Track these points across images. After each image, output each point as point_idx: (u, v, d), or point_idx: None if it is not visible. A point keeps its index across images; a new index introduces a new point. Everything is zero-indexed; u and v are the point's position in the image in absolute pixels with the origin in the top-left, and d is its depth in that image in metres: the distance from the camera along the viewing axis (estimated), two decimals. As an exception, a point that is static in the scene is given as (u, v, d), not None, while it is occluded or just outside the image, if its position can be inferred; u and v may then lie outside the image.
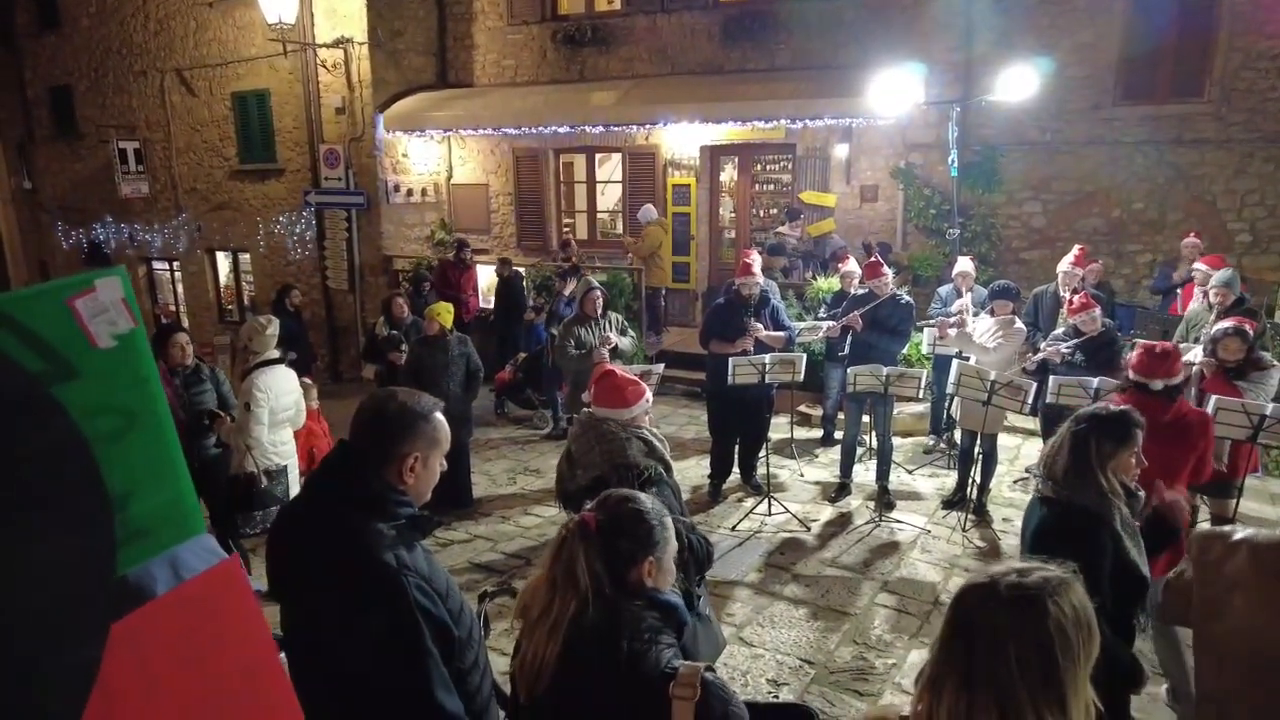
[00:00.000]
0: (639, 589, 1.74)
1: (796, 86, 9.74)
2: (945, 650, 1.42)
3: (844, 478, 6.38)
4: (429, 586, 1.78)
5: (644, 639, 1.68)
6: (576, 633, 1.67)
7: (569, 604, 1.68)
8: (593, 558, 1.70)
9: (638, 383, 3.17)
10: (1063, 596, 1.37)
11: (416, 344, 6.39)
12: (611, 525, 1.75)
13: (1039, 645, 1.33)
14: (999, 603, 1.37)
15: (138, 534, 0.87)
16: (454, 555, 5.62)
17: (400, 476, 1.84)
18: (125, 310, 0.92)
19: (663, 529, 1.80)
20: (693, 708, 1.59)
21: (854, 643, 4.40)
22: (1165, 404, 3.58)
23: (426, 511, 1.94)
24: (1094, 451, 2.60)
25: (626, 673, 1.64)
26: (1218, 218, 8.84)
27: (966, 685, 1.36)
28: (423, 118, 11.78)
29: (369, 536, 1.75)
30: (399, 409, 1.89)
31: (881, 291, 6.10)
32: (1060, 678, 1.33)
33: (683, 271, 11.54)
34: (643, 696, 1.62)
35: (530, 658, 1.71)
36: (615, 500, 1.81)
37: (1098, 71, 9.06)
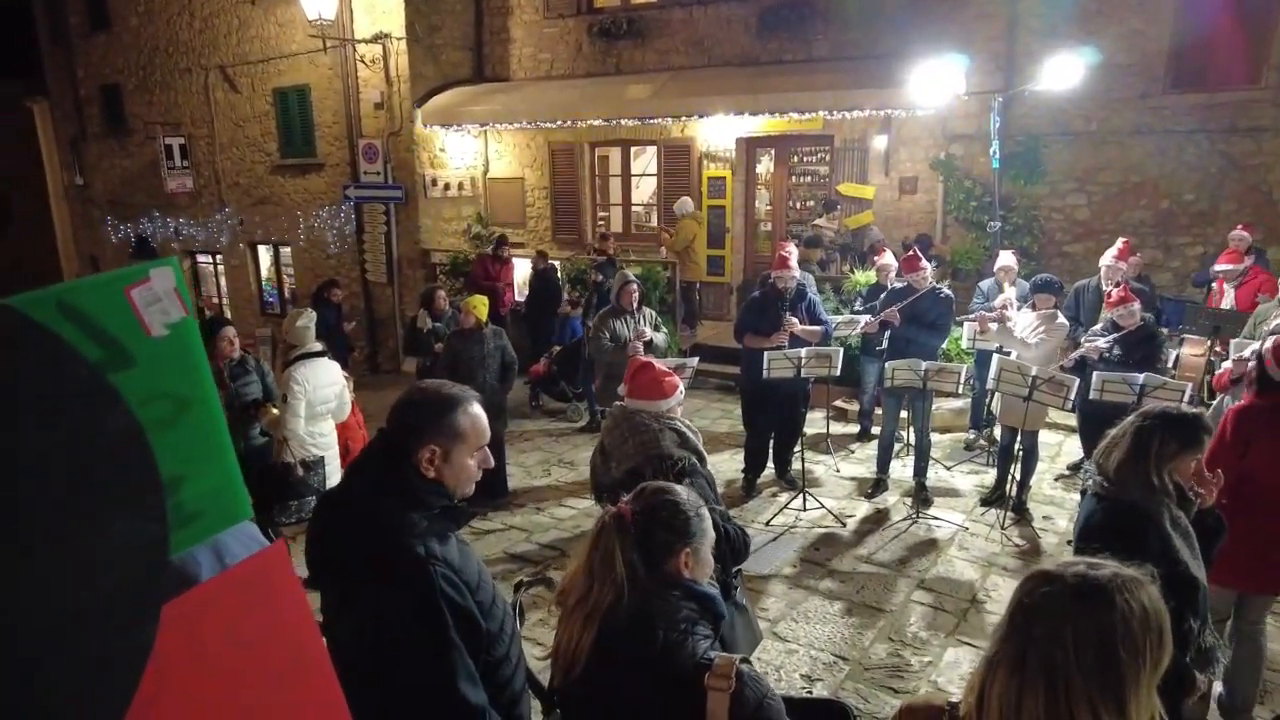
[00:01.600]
0: (676, 580, 1.75)
1: (834, 78, 9.62)
2: (1005, 632, 1.39)
3: (881, 473, 6.32)
4: (458, 578, 1.79)
5: (680, 629, 1.68)
6: (612, 621, 1.69)
7: (606, 593, 1.69)
8: (629, 549, 1.71)
9: (673, 375, 3.18)
10: (1133, 594, 1.32)
11: (452, 337, 6.46)
12: (647, 516, 1.75)
13: (1099, 636, 1.29)
14: (1064, 588, 1.34)
15: (190, 517, 0.90)
16: (489, 545, 5.68)
17: (421, 469, 1.83)
18: (177, 299, 0.94)
19: (699, 520, 1.80)
20: (728, 699, 1.59)
21: (889, 640, 4.36)
22: None
23: (463, 503, 1.94)
24: (1155, 449, 2.55)
25: (661, 662, 1.65)
26: (1274, 208, 8.56)
27: (1020, 668, 1.34)
28: (459, 112, 11.87)
29: (400, 526, 1.76)
30: (419, 401, 1.89)
31: (920, 285, 6.00)
32: (1120, 674, 1.29)
33: (717, 265, 11.50)
34: (677, 686, 1.63)
35: (566, 643, 1.73)
36: (651, 491, 1.82)
37: (1146, 59, 8.81)
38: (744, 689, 1.61)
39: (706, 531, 1.82)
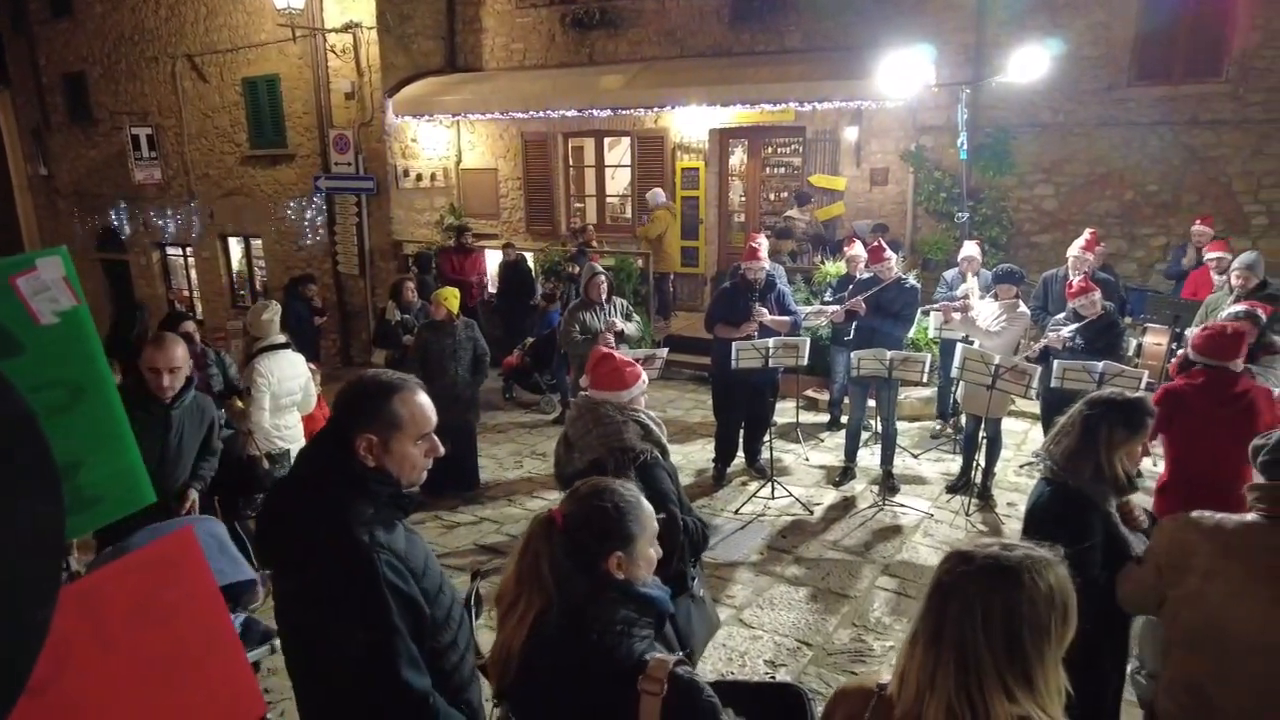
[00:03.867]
0: (611, 582, 1.72)
1: (806, 69, 9.66)
2: (924, 609, 1.45)
3: (848, 462, 6.39)
4: (403, 565, 1.79)
5: (614, 631, 1.66)
6: (543, 626, 1.67)
7: (536, 599, 1.68)
8: (558, 555, 1.68)
9: (635, 365, 3.18)
10: (1041, 574, 1.38)
11: (423, 329, 6.43)
12: (578, 521, 1.73)
13: (1007, 613, 1.35)
14: (976, 568, 1.39)
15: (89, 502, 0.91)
16: (460, 537, 5.69)
17: (361, 457, 1.83)
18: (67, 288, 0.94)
19: (634, 521, 1.76)
20: (659, 703, 1.57)
21: (852, 625, 4.43)
22: (1234, 377, 3.59)
23: (413, 491, 1.93)
24: (1104, 436, 2.61)
25: (592, 665, 1.63)
26: (1233, 200, 8.72)
27: (935, 642, 1.39)
28: (432, 102, 11.79)
29: (344, 512, 1.77)
30: (357, 390, 1.89)
31: (885, 276, 6.07)
32: (1025, 650, 1.34)
33: (691, 256, 11.53)
34: (610, 689, 1.61)
35: (500, 649, 1.71)
36: (584, 494, 1.78)
37: (1112, 51, 8.92)
38: (676, 693, 1.59)
39: (644, 530, 1.78)
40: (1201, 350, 3.63)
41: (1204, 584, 2.15)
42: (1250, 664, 2.04)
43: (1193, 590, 2.18)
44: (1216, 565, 2.12)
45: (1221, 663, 2.09)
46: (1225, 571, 2.10)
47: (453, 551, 5.41)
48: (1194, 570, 2.18)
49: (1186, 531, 2.22)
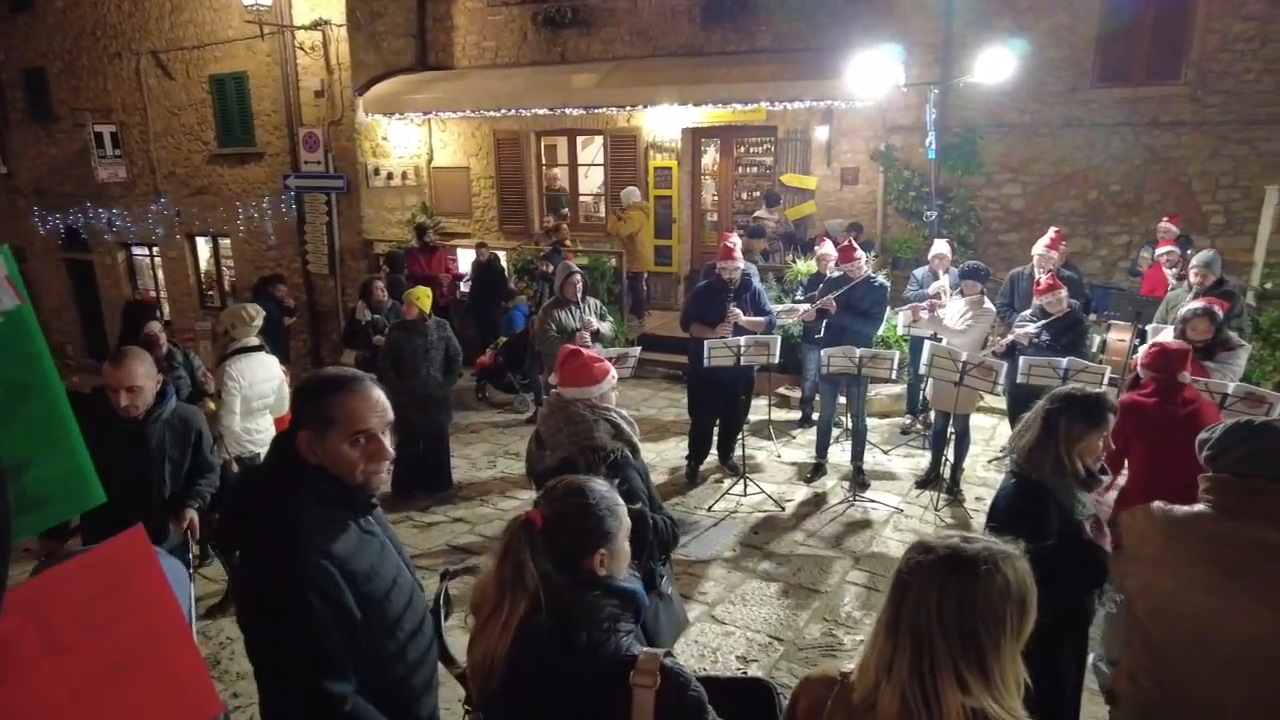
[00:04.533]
0: (594, 579, 1.71)
1: (777, 68, 9.73)
2: (887, 599, 1.48)
3: (819, 458, 6.45)
4: (335, 566, 1.75)
5: (602, 628, 1.65)
6: (530, 631, 1.64)
7: (519, 604, 1.65)
8: (540, 558, 1.66)
9: (603, 361, 3.19)
10: (999, 566, 1.40)
11: (394, 328, 6.39)
12: (558, 522, 1.71)
13: (962, 603, 1.37)
14: (935, 559, 1.42)
15: (36, 502, 0.90)
16: (432, 538, 5.66)
17: (304, 454, 1.81)
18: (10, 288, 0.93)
19: (612, 517, 1.76)
20: (654, 695, 1.58)
21: (823, 619, 4.48)
22: (1182, 387, 3.70)
23: (367, 490, 1.90)
24: (1063, 430, 2.66)
25: (585, 664, 1.62)
26: (1192, 200, 8.91)
27: (893, 630, 1.42)
28: (402, 100, 11.71)
29: (283, 510, 1.76)
30: (304, 385, 1.87)
31: (855, 274, 6.13)
32: (981, 641, 1.37)
33: (665, 255, 11.56)
34: (603, 686, 1.61)
35: (482, 657, 1.67)
36: (560, 493, 1.77)
37: (1075, 53, 9.08)
38: (668, 684, 1.60)
39: (622, 525, 1.78)
40: (1149, 367, 3.76)
41: (1155, 574, 2.20)
42: (1201, 651, 2.09)
43: (1146, 581, 2.23)
44: (1165, 555, 2.18)
45: (1174, 649, 2.14)
46: (1174, 561, 2.15)
47: (425, 552, 5.39)
48: (1146, 560, 2.23)
49: (1141, 521, 2.28)
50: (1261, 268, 8.11)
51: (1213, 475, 2.17)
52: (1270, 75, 8.36)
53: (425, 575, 4.49)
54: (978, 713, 1.36)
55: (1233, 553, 2.05)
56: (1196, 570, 2.10)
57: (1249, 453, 2.10)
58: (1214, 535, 2.10)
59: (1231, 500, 2.10)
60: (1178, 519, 2.18)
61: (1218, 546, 2.09)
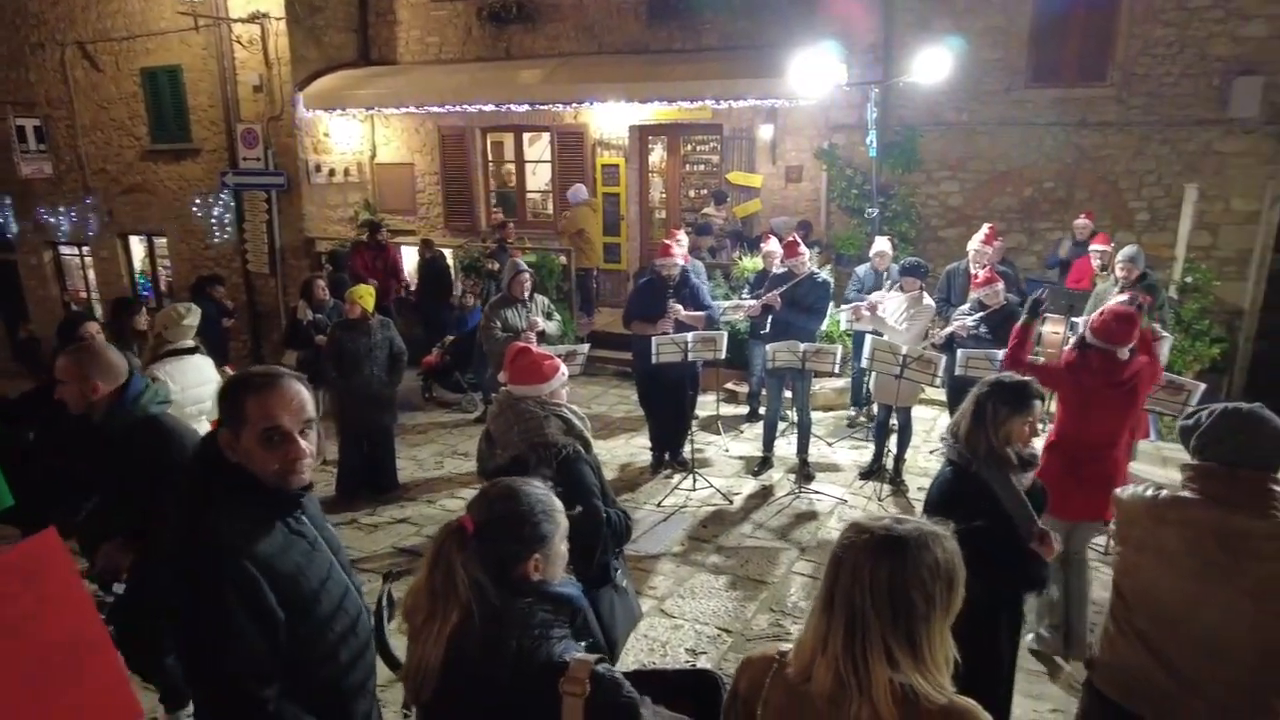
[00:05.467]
0: (528, 585, 1.69)
1: (722, 67, 9.81)
2: (823, 578, 1.52)
3: (766, 452, 6.54)
4: (259, 568, 1.73)
5: (534, 635, 1.64)
6: (462, 638, 1.62)
7: (451, 612, 1.62)
8: (472, 565, 1.63)
9: (553, 358, 3.18)
10: (929, 546, 1.45)
11: (337, 327, 6.28)
12: (491, 527, 1.68)
13: (893, 581, 1.42)
14: (869, 539, 1.46)
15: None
16: (377, 540, 5.59)
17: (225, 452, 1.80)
18: None
19: (548, 521, 1.74)
20: (582, 704, 1.57)
21: (770, 610, 4.55)
22: (1125, 362, 3.79)
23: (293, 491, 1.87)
24: (990, 415, 2.74)
25: (516, 672, 1.61)
26: (1119, 197, 9.27)
27: (827, 608, 1.47)
28: (344, 96, 11.49)
29: (202, 509, 1.74)
30: (228, 381, 1.86)
31: (799, 271, 6.23)
32: (911, 618, 1.42)
33: (614, 252, 11.57)
34: (533, 693, 1.60)
35: (417, 664, 1.65)
36: (494, 497, 1.74)
37: (1009, 55, 9.36)
38: (599, 692, 1.59)
39: (558, 529, 1.76)
40: (1098, 334, 3.81)
41: (1140, 556, 2.29)
42: (1179, 632, 2.18)
43: (1131, 561, 2.32)
44: (1150, 539, 2.25)
45: (1153, 629, 2.23)
46: (1158, 545, 2.23)
47: (370, 555, 5.32)
48: (1133, 541, 2.31)
49: (1130, 502, 2.35)
50: (1182, 262, 8.47)
51: (1199, 463, 2.23)
52: (1188, 79, 8.73)
53: (370, 578, 4.45)
54: (906, 687, 1.41)
55: (1214, 539, 2.12)
56: (1179, 555, 2.17)
57: (1239, 444, 2.15)
58: (1197, 522, 2.16)
59: (1216, 488, 2.16)
60: (1164, 504, 2.25)
61: (1201, 533, 2.15)
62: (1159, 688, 2.21)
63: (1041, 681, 3.94)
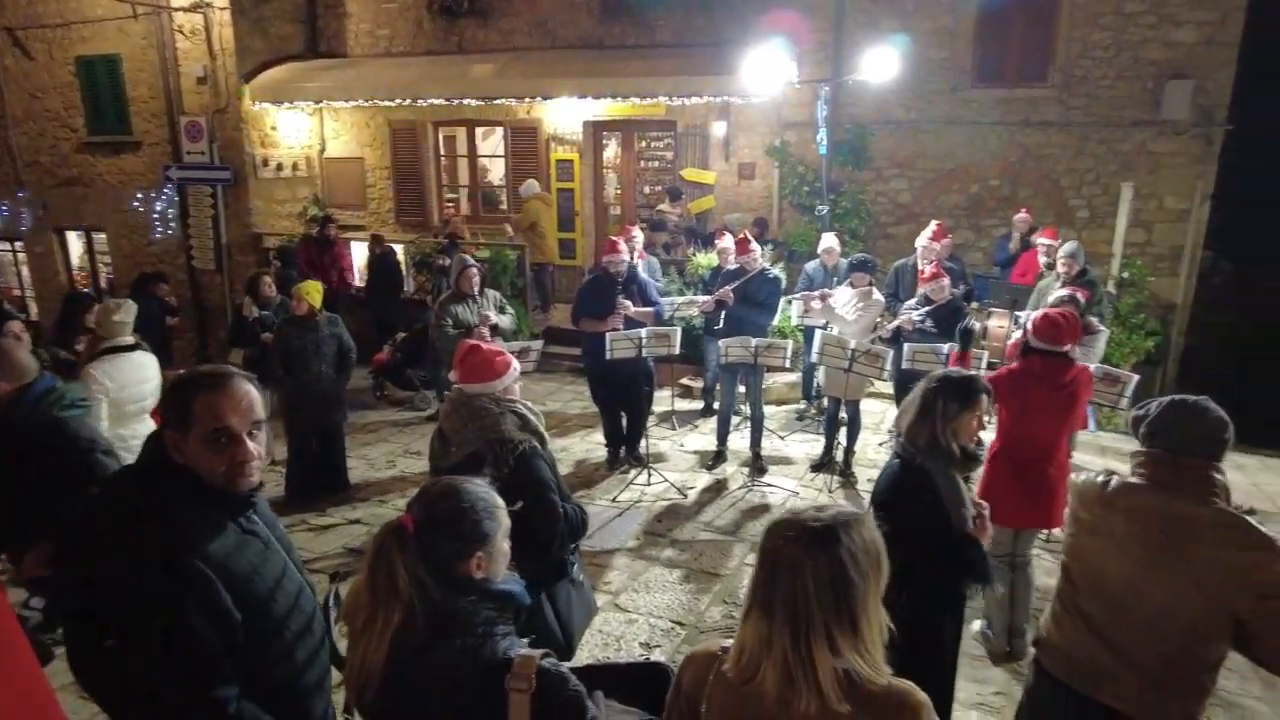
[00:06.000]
0: (470, 583, 1.68)
1: (675, 63, 9.85)
2: (754, 582, 1.55)
3: (720, 446, 6.60)
4: (214, 569, 1.71)
5: (478, 633, 1.63)
6: (405, 639, 1.61)
7: (393, 612, 1.60)
8: (414, 564, 1.61)
9: (504, 353, 3.16)
10: (854, 529, 1.50)
11: (284, 324, 6.16)
12: (432, 526, 1.66)
13: (832, 571, 1.46)
14: (800, 537, 1.49)
15: None
16: (328, 541, 5.51)
17: (171, 454, 1.77)
18: None
19: (490, 519, 1.73)
20: (528, 699, 1.58)
21: (724, 602, 4.60)
22: (1066, 365, 3.86)
23: (243, 491, 1.85)
24: (940, 410, 2.80)
25: (460, 670, 1.61)
26: (1061, 195, 9.55)
27: (768, 608, 1.49)
28: (292, 89, 11.26)
29: (149, 513, 1.71)
30: (171, 382, 1.84)
31: (751, 267, 6.30)
32: (851, 600, 1.46)
33: (569, 248, 11.54)
34: (479, 691, 1.60)
35: (359, 666, 1.63)
36: (435, 496, 1.73)
37: (956, 55, 9.56)
38: (545, 687, 1.60)
39: (500, 526, 1.76)
40: (1040, 336, 3.88)
41: (1090, 539, 2.36)
42: (1121, 613, 2.26)
43: (1081, 544, 2.40)
44: (1101, 523, 2.33)
45: (1097, 609, 2.32)
46: (1107, 530, 2.31)
47: (321, 555, 5.24)
48: (1084, 525, 2.39)
49: (1083, 488, 2.43)
50: (1120, 258, 8.76)
51: (1147, 451, 2.30)
52: (1124, 81, 9.04)
53: (320, 579, 4.37)
54: (849, 672, 1.46)
55: (1159, 525, 2.20)
56: (1126, 538, 2.25)
57: (1183, 433, 2.22)
58: (1144, 508, 2.24)
59: (1162, 474, 2.24)
60: (1114, 489, 2.32)
61: (1147, 518, 2.23)
62: (1099, 665, 2.29)
63: (985, 666, 4.06)
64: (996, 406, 3.90)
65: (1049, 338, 3.84)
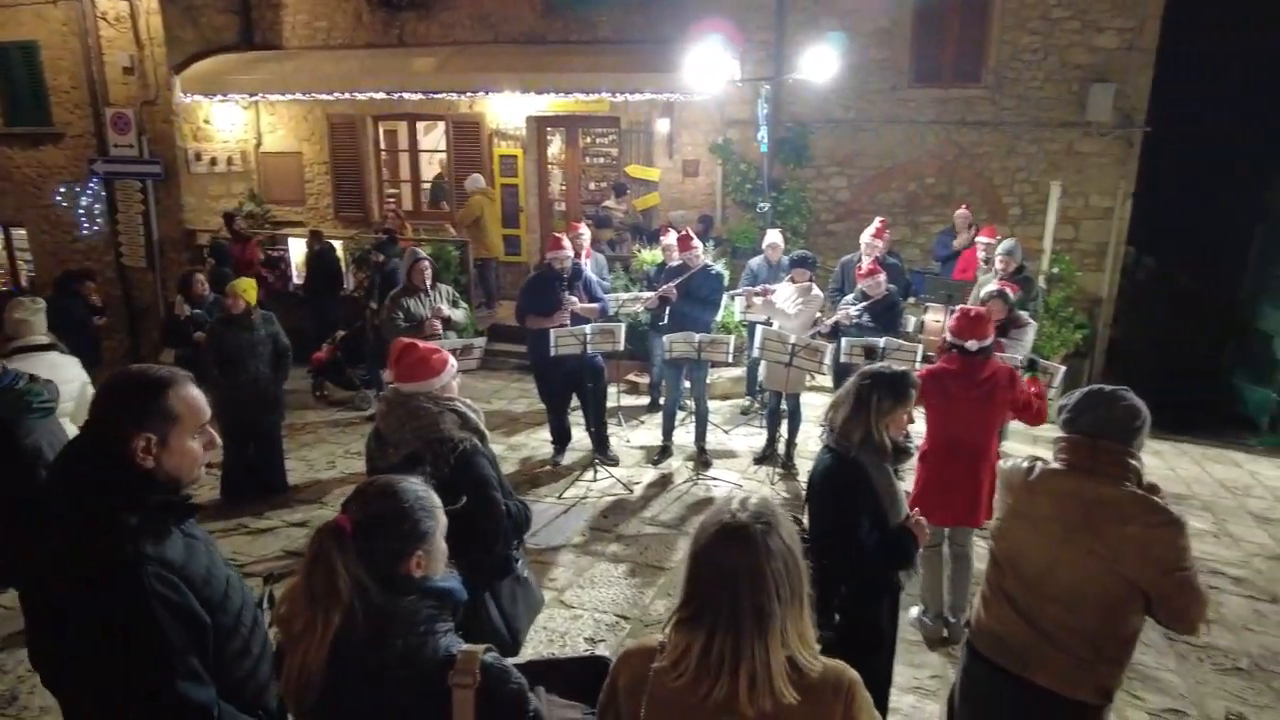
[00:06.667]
0: (410, 582, 1.67)
1: (618, 59, 9.85)
2: (688, 584, 1.58)
3: (665, 441, 6.65)
4: (177, 576, 1.70)
5: (420, 631, 1.63)
6: (345, 642, 1.59)
7: (333, 616, 1.58)
8: (353, 565, 1.60)
9: (441, 351, 3.12)
10: (774, 527, 1.53)
11: (218, 324, 6.00)
12: (371, 526, 1.65)
13: (786, 562, 1.51)
14: (722, 540, 1.52)
15: None
16: (266, 544, 5.39)
17: (135, 459, 1.72)
18: None
19: (429, 517, 1.72)
20: (473, 694, 1.58)
21: (668, 595, 4.64)
22: (982, 363, 3.97)
23: (188, 494, 1.84)
24: (874, 405, 2.87)
25: (403, 669, 1.60)
26: (994, 193, 9.84)
27: (703, 611, 1.52)
28: (226, 81, 10.95)
29: (106, 527, 1.67)
30: (125, 385, 1.78)
31: (694, 263, 6.36)
32: (796, 589, 1.51)
33: (514, 244, 11.46)
34: (422, 689, 1.60)
35: (296, 673, 1.60)
36: (372, 495, 1.71)
37: (894, 55, 9.77)
38: (488, 681, 1.61)
39: (439, 524, 1.76)
40: (955, 333, 4.02)
41: (1014, 522, 2.46)
42: (1039, 590, 2.37)
43: (1006, 527, 2.50)
44: (1022, 505, 2.44)
45: (1019, 588, 2.41)
46: (1029, 512, 2.41)
47: (259, 559, 5.12)
48: (1009, 509, 2.49)
49: (1009, 473, 2.53)
50: (1049, 254, 9.07)
51: (1068, 436, 2.41)
52: (1052, 84, 9.35)
53: (253, 582, 4.27)
54: (791, 661, 1.50)
55: (1076, 506, 2.30)
56: (1046, 520, 2.35)
57: (1099, 416, 2.34)
58: (1063, 490, 2.35)
59: (1081, 458, 2.35)
60: (1037, 475, 2.43)
61: (1065, 500, 2.33)
62: (1024, 643, 2.39)
63: (921, 651, 4.18)
64: (924, 409, 4.02)
65: (960, 332, 3.97)
